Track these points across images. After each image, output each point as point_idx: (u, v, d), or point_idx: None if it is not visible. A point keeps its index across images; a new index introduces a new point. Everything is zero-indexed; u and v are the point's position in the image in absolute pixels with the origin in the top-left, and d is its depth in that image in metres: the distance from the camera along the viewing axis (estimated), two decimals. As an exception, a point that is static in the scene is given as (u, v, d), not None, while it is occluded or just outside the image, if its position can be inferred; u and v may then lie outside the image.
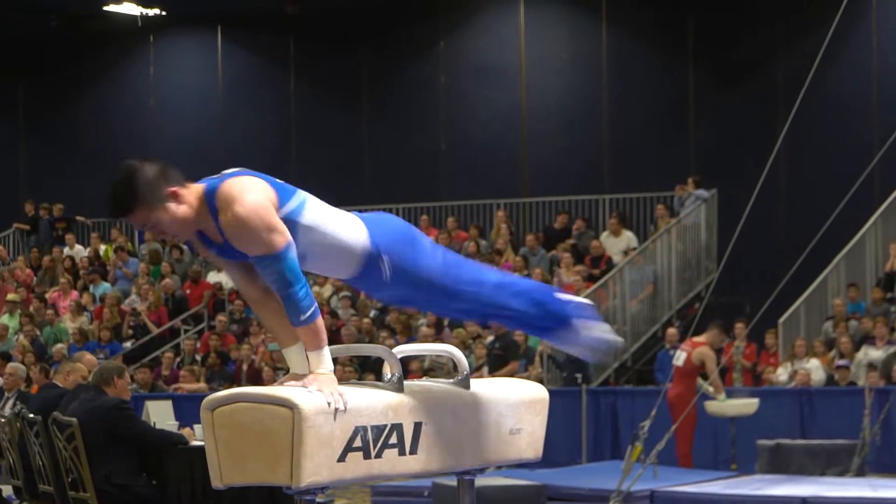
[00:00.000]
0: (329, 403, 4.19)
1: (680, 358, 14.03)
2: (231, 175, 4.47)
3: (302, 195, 4.50)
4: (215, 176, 4.52)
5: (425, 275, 4.68)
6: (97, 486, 8.51)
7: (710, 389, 13.82)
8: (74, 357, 10.89)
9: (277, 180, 4.49)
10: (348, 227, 4.57)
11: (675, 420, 13.06)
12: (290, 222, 4.40)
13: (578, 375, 16.27)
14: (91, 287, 21.89)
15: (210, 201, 4.40)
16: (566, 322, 4.88)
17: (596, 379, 17.38)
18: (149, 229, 4.47)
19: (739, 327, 16.21)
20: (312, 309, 4.35)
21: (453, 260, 4.84)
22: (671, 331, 17.29)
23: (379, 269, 4.60)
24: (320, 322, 4.38)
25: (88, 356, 10.74)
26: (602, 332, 4.94)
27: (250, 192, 4.36)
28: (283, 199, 4.42)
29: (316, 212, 4.50)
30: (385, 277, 4.63)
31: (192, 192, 4.46)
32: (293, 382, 4.33)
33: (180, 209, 4.41)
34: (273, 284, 4.37)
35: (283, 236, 4.32)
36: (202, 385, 18.11)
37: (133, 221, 4.45)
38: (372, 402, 4.35)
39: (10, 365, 14.46)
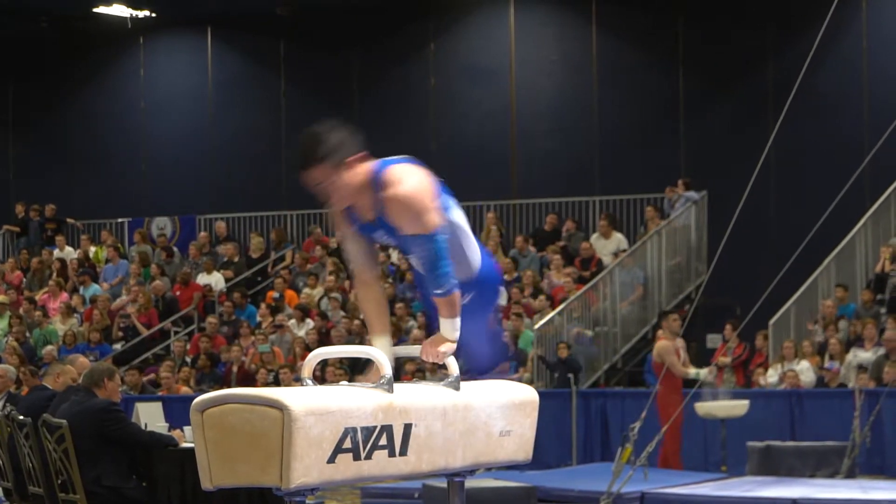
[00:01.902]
0: (421, 355, 4.75)
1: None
2: (399, 161, 4.78)
3: (450, 199, 4.87)
4: (383, 159, 4.81)
5: (475, 319, 5.03)
6: (87, 488, 8.50)
7: (691, 372, 13.99)
8: (67, 359, 10.87)
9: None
10: (474, 248, 4.97)
11: (662, 419, 13.12)
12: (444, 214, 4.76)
13: (571, 376, 16.27)
14: (81, 289, 21.86)
15: (376, 178, 4.68)
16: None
17: (586, 381, 17.39)
18: (320, 189, 4.67)
19: (728, 329, 16.23)
20: (450, 284, 4.69)
21: (491, 323, 5.33)
22: (661, 333, 17.29)
23: (462, 293, 4.86)
24: (456, 295, 4.72)
25: (82, 359, 10.73)
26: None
27: (417, 174, 4.70)
28: (440, 192, 4.78)
29: (460, 216, 4.89)
30: (485, 297, 5.11)
31: (363, 167, 4.74)
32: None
33: (353, 177, 4.68)
34: (423, 261, 4.71)
35: (440, 218, 4.68)
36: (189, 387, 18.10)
37: (311, 177, 4.64)
38: (362, 404, 4.35)
39: (0, 367, 14.42)
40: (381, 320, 4.81)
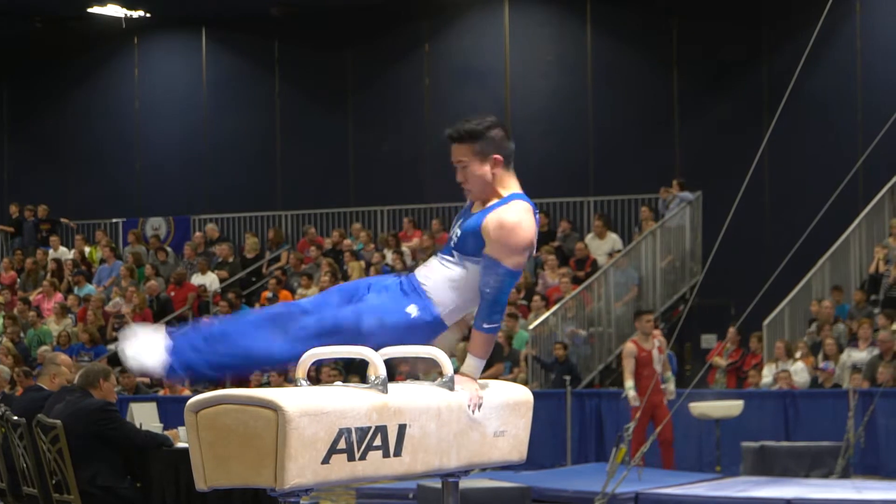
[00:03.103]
0: (468, 406, 4.72)
1: None
2: (529, 202, 4.97)
3: None
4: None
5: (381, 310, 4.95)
6: (81, 489, 8.50)
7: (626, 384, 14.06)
8: (50, 356, 10.86)
9: None
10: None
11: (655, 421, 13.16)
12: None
13: (567, 378, 16.28)
14: (75, 289, 21.86)
15: (503, 200, 4.90)
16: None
17: (581, 381, 17.40)
18: (461, 168, 4.98)
19: (731, 331, 16.24)
20: (498, 325, 4.82)
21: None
22: (656, 332, 17.29)
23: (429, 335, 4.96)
24: (494, 337, 4.84)
25: (63, 356, 10.72)
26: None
27: (528, 210, 4.90)
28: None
29: None
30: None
31: (509, 181, 4.98)
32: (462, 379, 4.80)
33: (488, 174, 4.92)
34: (487, 287, 4.81)
35: (523, 262, 4.88)
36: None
37: (459, 151, 4.97)
38: (356, 404, 4.35)
39: (-6, 367, 14.41)
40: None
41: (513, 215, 4.83)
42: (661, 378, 14.05)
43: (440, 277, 4.89)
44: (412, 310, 4.84)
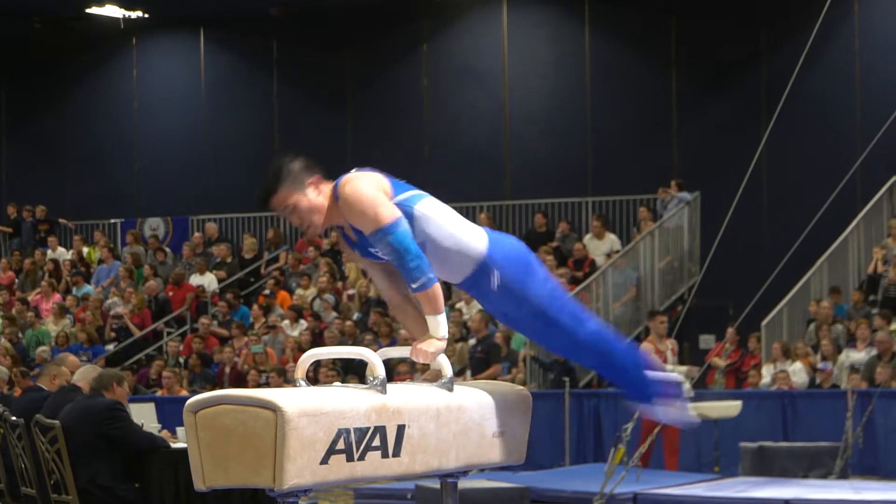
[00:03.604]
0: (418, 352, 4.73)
1: None
2: (353, 170, 4.91)
3: (419, 192, 4.91)
4: None
5: (531, 298, 4.97)
6: (81, 487, 8.50)
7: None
8: (58, 359, 10.87)
9: (397, 179, 4.90)
10: (468, 232, 4.93)
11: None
12: (404, 210, 4.77)
13: (566, 379, 16.27)
14: (74, 289, 21.86)
15: (335, 191, 4.83)
16: (649, 399, 5.12)
17: (579, 381, 17.40)
18: (289, 214, 4.88)
19: (730, 332, 16.23)
20: (424, 277, 4.68)
21: (561, 293, 5.09)
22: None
23: (489, 280, 4.92)
24: (435, 289, 4.71)
25: (72, 357, 10.73)
26: (681, 412, 5.15)
27: (362, 176, 4.83)
28: (396, 190, 4.83)
29: (432, 207, 4.89)
30: (493, 288, 4.93)
31: (328, 186, 4.89)
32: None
33: (317, 198, 4.84)
34: (390, 258, 4.74)
35: (391, 211, 4.71)
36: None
37: (275, 204, 4.87)
38: (355, 405, 4.35)
39: (-8, 368, 14.42)
40: (423, 334, 4.84)
41: (345, 189, 4.77)
42: None
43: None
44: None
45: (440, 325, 4.72)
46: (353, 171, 4.89)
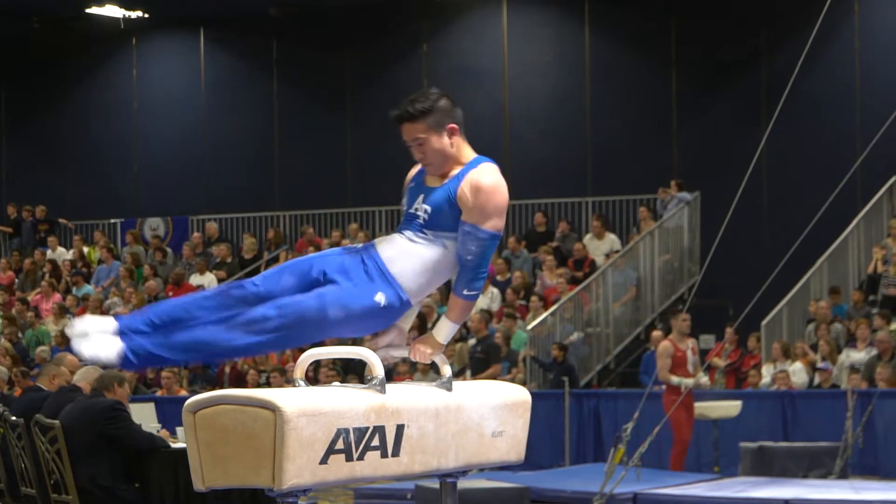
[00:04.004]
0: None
1: None
2: (494, 163, 4.85)
3: None
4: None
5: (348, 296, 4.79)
6: (81, 487, 8.50)
7: (673, 380, 13.87)
8: (56, 359, 10.86)
9: None
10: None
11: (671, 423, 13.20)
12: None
13: (566, 379, 16.27)
14: (74, 289, 21.85)
15: (469, 165, 4.78)
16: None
17: (579, 381, 17.40)
18: (415, 146, 4.85)
19: (729, 332, 16.24)
20: (479, 291, 4.73)
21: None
22: (656, 333, 17.31)
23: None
24: (473, 305, 4.75)
25: (70, 357, 10.72)
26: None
27: (502, 177, 4.79)
28: None
29: None
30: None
31: (466, 148, 4.86)
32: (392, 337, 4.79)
33: (448, 146, 4.80)
34: (468, 254, 4.69)
35: (503, 225, 4.75)
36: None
37: (408, 130, 4.86)
38: (354, 405, 4.35)
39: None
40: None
41: (488, 178, 4.73)
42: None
43: (412, 260, 4.72)
44: (381, 298, 4.66)
45: (450, 331, 4.73)
46: (487, 160, 4.84)
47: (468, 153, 4.84)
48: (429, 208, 4.76)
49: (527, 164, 22.33)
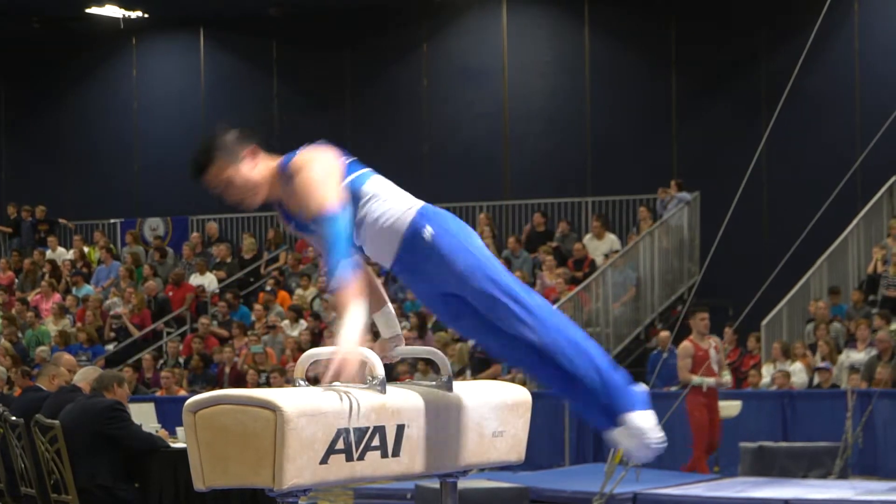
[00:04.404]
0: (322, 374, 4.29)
1: None
2: (306, 146, 4.62)
3: (369, 171, 4.67)
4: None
5: (470, 266, 4.49)
6: (81, 487, 8.50)
7: (694, 379, 13.73)
8: (54, 359, 10.87)
9: (351, 158, 4.67)
10: (407, 201, 4.63)
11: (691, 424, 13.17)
12: (353, 190, 4.56)
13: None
14: (74, 289, 21.86)
15: (284, 170, 4.55)
16: (616, 414, 4.51)
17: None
18: (222, 190, 4.59)
19: (728, 332, 16.23)
20: (338, 280, 4.28)
21: (510, 278, 4.57)
22: (664, 334, 17.30)
23: (421, 245, 4.51)
24: (344, 294, 4.29)
25: (67, 356, 10.73)
26: (647, 438, 4.51)
27: (317, 156, 4.54)
28: (349, 169, 4.62)
29: (378, 185, 4.64)
30: (425, 253, 4.50)
31: (269, 161, 4.62)
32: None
33: (253, 172, 4.57)
34: (324, 249, 4.39)
35: (337, 201, 4.42)
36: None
37: (209, 180, 4.59)
38: (354, 405, 4.35)
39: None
40: (374, 298, 4.60)
41: (300, 165, 4.48)
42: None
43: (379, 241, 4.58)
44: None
45: (343, 332, 4.28)
46: (308, 146, 4.61)
47: (270, 160, 4.61)
48: (313, 230, 4.51)
49: (527, 164, 22.34)
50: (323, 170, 4.49)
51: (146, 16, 24.35)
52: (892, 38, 20.42)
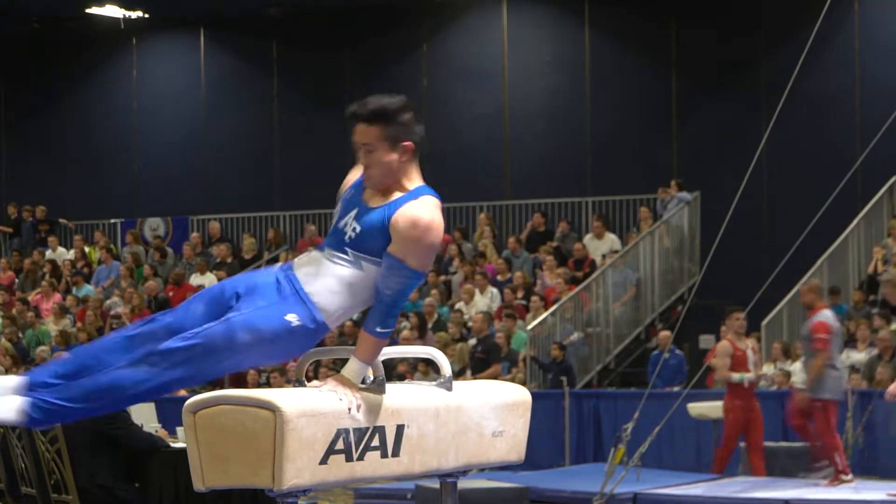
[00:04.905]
0: (348, 407, 4.28)
1: None
2: (437, 197, 4.50)
3: None
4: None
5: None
6: (81, 487, 8.50)
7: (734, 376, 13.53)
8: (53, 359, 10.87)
9: None
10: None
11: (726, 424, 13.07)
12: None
13: (564, 378, 16.27)
14: (74, 289, 21.86)
15: (411, 194, 4.43)
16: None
17: (578, 382, 17.40)
18: (365, 151, 4.47)
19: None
20: (392, 329, 4.40)
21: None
22: (664, 333, 17.29)
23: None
24: (382, 346, 4.42)
25: (66, 356, 10.72)
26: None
27: (441, 215, 4.44)
28: None
29: None
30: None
31: (414, 172, 4.51)
32: (317, 382, 4.39)
33: (395, 164, 4.46)
34: (387, 289, 4.37)
35: (431, 265, 4.47)
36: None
37: (362, 133, 4.48)
38: (354, 405, 4.35)
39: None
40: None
41: (426, 212, 4.37)
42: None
43: (329, 279, 4.43)
44: (292, 318, 4.37)
45: (361, 371, 4.39)
46: (430, 192, 4.47)
47: (415, 179, 4.50)
48: (359, 228, 4.43)
49: (527, 164, 22.34)
50: (440, 231, 4.42)
51: (146, 16, 24.35)
52: (892, 38, 20.42)
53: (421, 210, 4.39)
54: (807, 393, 12.71)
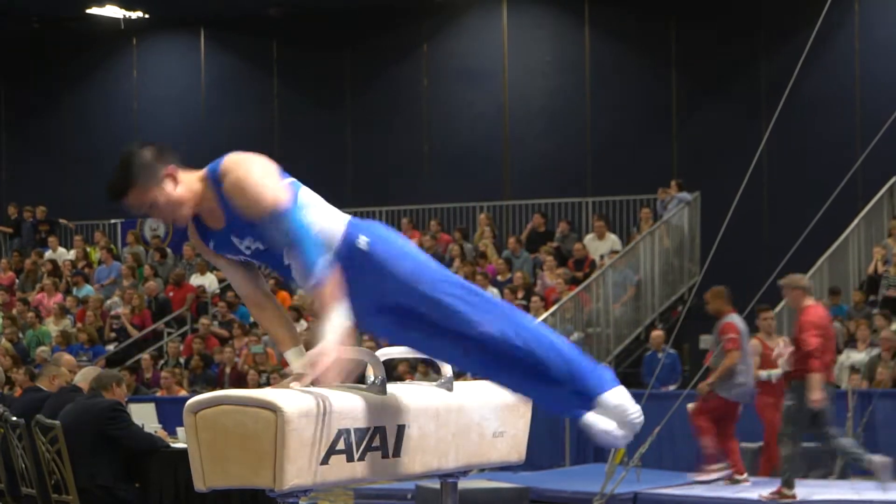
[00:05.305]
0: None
1: None
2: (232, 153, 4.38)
3: (296, 181, 4.41)
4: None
5: (409, 274, 4.27)
6: (81, 487, 8.51)
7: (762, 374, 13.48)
8: (54, 359, 10.89)
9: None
10: (332, 210, 4.42)
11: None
12: (293, 194, 4.32)
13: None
14: (74, 290, 21.86)
15: (213, 176, 4.30)
16: (590, 397, 4.47)
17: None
18: (146, 211, 4.38)
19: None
20: (318, 278, 4.15)
21: (453, 278, 4.37)
22: (656, 333, 17.29)
23: (356, 256, 4.28)
24: (325, 293, 4.16)
25: (67, 356, 10.74)
26: (628, 413, 4.55)
27: (253, 157, 4.30)
28: (282, 174, 4.35)
29: (309, 195, 4.40)
30: (362, 264, 4.27)
31: (194, 174, 4.37)
32: (294, 383, 4.28)
33: (177, 190, 4.33)
34: (285, 242, 4.20)
35: (287, 195, 4.24)
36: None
37: (130, 203, 4.40)
38: (355, 405, 4.34)
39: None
40: (286, 333, 4.45)
41: (236, 168, 4.23)
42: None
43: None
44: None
45: (326, 331, 4.16)
46: (232, 154, 4.33)
47: (193, 173, 4.35)
48: (244, 241, 4.31)
49: (527, 164, 22.34)
50: (263, 168, 4.25)
51: (146, 16, 24.35)
52: (892, 39, 20.42)
53: (225, 159, 4.27)
54: (712, 388, 12.82)
